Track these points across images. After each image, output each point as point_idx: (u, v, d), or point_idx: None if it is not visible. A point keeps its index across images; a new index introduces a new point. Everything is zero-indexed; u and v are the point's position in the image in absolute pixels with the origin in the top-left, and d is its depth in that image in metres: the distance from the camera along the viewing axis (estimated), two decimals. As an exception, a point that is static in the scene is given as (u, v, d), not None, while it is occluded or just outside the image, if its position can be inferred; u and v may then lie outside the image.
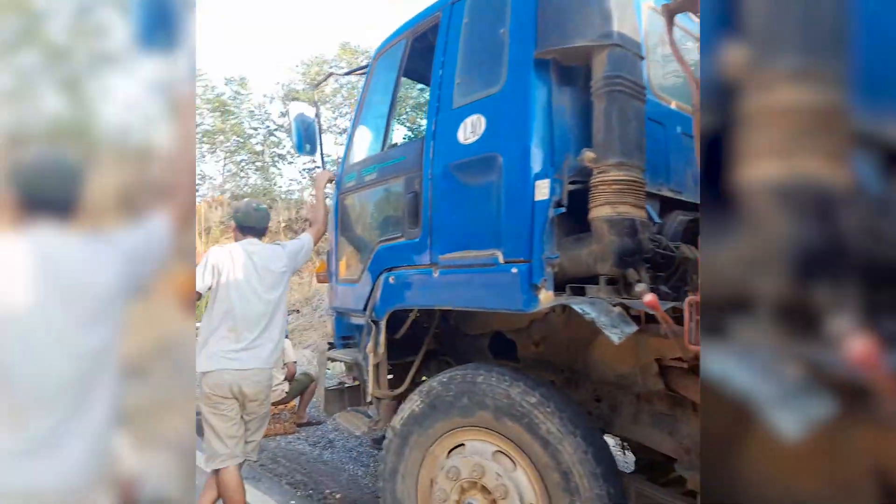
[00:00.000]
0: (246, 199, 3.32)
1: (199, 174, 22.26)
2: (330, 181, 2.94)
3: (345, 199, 2.80)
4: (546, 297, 1.72)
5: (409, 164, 2.28)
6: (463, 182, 2.00)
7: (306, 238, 2.75)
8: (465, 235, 1.98)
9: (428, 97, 2.42)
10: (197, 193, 21.19)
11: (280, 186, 21.13)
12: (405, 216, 2.27)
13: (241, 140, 21.34)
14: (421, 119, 11.78)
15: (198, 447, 3.40)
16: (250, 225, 2.58)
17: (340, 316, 2.90)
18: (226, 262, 2.39)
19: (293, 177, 22.89)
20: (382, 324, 2.34)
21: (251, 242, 2.54)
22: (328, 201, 2.96)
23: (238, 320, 2.38)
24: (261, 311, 2.44)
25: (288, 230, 15.96)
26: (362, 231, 2.69)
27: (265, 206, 2.80)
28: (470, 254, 1.95)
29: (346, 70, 3.29)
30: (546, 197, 1.72)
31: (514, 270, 1.76)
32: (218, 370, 2.33)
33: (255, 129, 21.61)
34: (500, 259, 1.83)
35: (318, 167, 3.57)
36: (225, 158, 22.01)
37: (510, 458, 1.86)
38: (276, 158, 22.02)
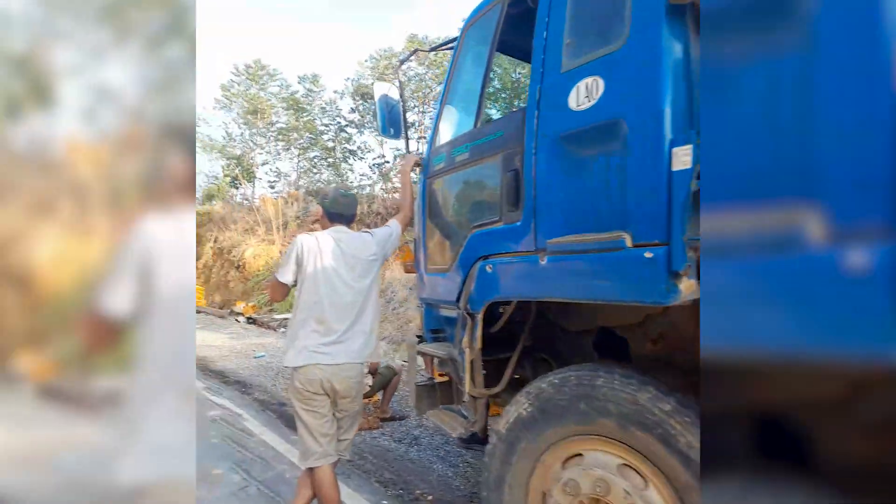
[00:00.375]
0: (333, 185, 3.23)
1: (275, 171, 23.35)
2: (417, 165, 2.76)
3: (433, 184, 2.62)
4: (688, 287, 1.43)
5: (507, 140, 2.05)
6: (576, 154, 1.74)
7: (395, 225, 2.60)
8: (580, 215, 1.72)
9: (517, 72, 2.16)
10: (273, 191, 22.23)
11: (351, 182, 21.67)
12: (504, 198, 2.04)
13: (314, 137, 22.02)
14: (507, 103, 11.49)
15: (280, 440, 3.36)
16: (338, 211, 2.45)
17: (430, 307, 2.73)
18: (313, 250, 2.28)
19: (364, 172, 23.25)
20: (479, 317, 2.14)
21: (339, 230, 2.42)
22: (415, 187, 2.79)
23: (327, 311, 2.26)
24: (350, 300, 2.32)
25: (360, 224, 16.28)
26: (453, 216, 2.50)
27: (353, 192, 2.67)
28: (586, 237, 1.69)
29: (431, 47, 3.07)
30: (688, 166, 1.43)
31: (649, 255, 1.48)
32: (308, 365, 2.22)
33: (327, 125, 22.24)
34: (628, 242, 1.55)
35: (403, 151, 3.41)
36: (299, 155, 22.84)
37: (639, 474, 1.60)
38: (346, 154, 22.58)
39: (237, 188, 22.06)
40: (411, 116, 21.72)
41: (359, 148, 22.21)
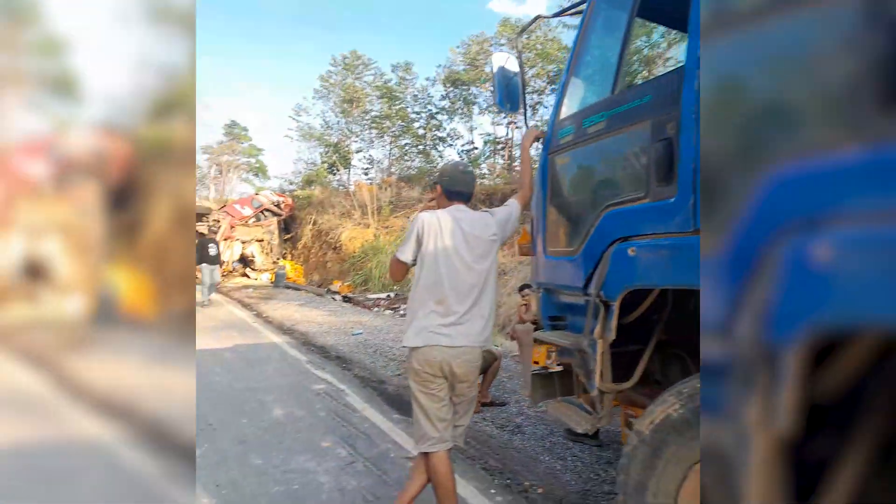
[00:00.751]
0: (453, 162, 3.05)
1: (368, 158, 24.10)
2: (537, 139, 2.58)
3: (557, 159, 2.42)
4: None
5: (658, 105, 1.81)
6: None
7: (514, 204, 2.44)
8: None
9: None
10: (367, 177, 22.98)
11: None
12: (651, 170, 1.81)
13: (406, 124, 22.40)
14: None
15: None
16: (458, 189, 2.34)
17: (548, 293, 2.56)
18: (433, 228, 2.19)
19: (453, 158, 23.30)
20: (616, 305, 1.94)
21: (459, 208, 2.31)
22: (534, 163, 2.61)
23: (447, 292, 2.17)
24: (471, 282, 2.21)
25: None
26: (582, 194, 2.30)
27: (471, 168, 2.55)
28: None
29: (554, 13, 2.84)
30: None
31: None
32: (427, 346, 2.15)
33: (418, 113, 22.54)
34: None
35: (521, 127, 3.23)
36: (391, 143, 23.38)
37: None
38: (436, 141, 22.77)
39: (334, 174, 23.01)
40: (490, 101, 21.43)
41: (448, 135, 22.33)
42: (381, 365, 5.85)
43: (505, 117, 20.93)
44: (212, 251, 10.48)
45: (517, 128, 20.88)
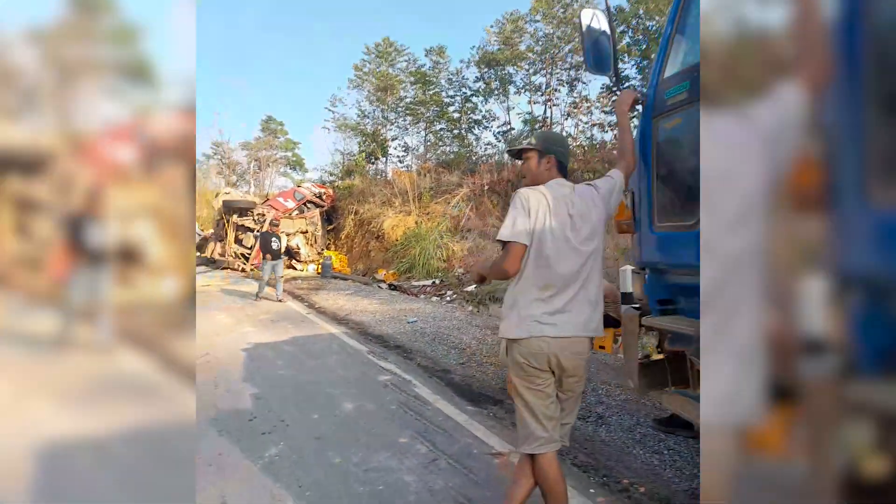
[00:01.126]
0: (553, 129, 2.67)
1: (403, 146, 23.97)
2: (636, 103, 2.30)
3: (664, 123, 2.15)
4: None
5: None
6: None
7: (617, 175, 2.17)
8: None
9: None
10: (403, 165, 22.86)
11: (477, 151, 21.44)
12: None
13: (440, 109, 22.07)
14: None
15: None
16: (565, 162, 2.10)
17: (656, 273, 2.30)
18: (542, 206, 1.95)
19: (489, 140, 22.89)
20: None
21: (562, 183, 2.06)
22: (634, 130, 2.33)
23: (553, 277, 1.94)
24: (577, 266, 1.97)
25: (491, 192, 16.01)
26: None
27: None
28: None
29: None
30: None
31: None
32: (532, 338, 1.93)
33: (452, 97, 22.16)
34: None
35: (616, 89, 2.95)
36: (425, 129, 23.13)
37: None
38: (471, 124, 22.36)
39: (373, 163, 23.01)
40: (538, 79, 20.81)
41: (483, 117, 21.88)
42: (441, 354, 5.70)
43: (542, 95, 20.40)
44: (274, 245, 10.17)
45: (554, 105, 20.30)
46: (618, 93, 2.44)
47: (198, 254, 17.90)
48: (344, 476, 2.83)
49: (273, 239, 10.27)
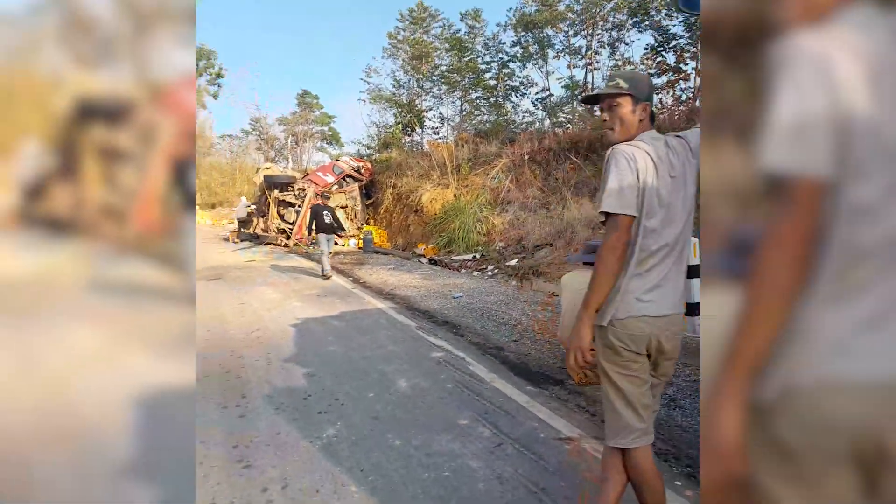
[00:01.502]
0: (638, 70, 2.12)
1: (439, 116, 23.49)
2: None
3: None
4: None
5: None
6: None
7: None
8: None
9: None
10: (438, 136, 22.43)
11: (514, 119, 20.80)
12: None
13: (476, 76, 21.43)
14: None
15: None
16: (653, 110, 1.80)
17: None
18: (648, 168, 1.68)
19: (527, 108, 22.16)
20: None
21: (655, 136, 1.77)
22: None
23: (650, 248, 1.69)
24: (678, 233, 1.71)
25: (531, 162, 15.49)
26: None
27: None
28: None
29: None
30: None
31: None
32: (632, 318, 1.69)
33: (489, 63, 21.45)
34: None
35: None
36: (461, 97, 22.55)
37: None
38: (508, 91, 21.65)
39: (409, 135, 22.70)
40: (577, 41, 19.82)
41: (521, 83, 21.13)
42: (492, 329, 5.52)
43: (582, 58, 19.46)
44: (326, 219, 9.64)
45: (595, 69, 19.34)
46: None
47: (243, 229, 18.23)
48: (406, 460, 2.70)
49: (325, 212, 9.73)
